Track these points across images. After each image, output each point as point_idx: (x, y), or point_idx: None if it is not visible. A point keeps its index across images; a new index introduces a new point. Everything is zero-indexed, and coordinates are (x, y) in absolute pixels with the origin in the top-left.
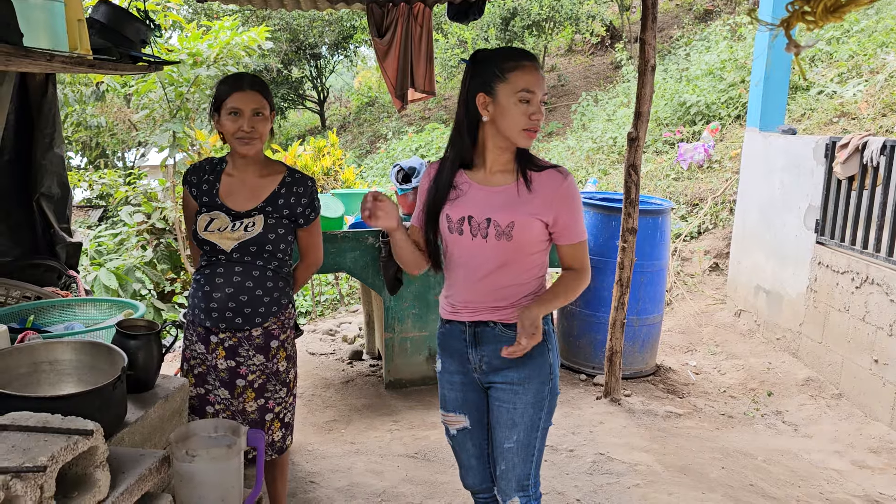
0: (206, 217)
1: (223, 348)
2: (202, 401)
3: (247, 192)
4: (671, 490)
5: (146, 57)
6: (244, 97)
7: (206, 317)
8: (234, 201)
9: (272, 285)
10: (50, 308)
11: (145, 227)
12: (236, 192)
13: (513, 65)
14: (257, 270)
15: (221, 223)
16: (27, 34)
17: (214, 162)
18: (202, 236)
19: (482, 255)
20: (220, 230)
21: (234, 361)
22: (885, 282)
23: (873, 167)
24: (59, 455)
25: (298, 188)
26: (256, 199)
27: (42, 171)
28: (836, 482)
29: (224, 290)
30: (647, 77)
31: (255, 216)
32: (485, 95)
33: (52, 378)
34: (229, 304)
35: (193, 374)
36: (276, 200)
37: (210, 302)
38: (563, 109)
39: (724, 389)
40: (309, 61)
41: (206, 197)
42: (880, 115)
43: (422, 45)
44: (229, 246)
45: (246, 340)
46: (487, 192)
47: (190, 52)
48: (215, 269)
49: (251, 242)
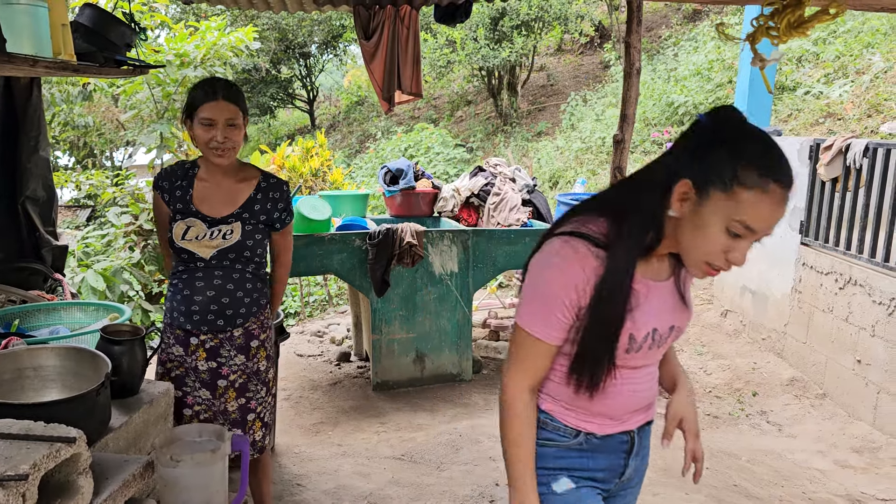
0: (183, 225)
1: (204, 350)
2: (179, 403)
3: (222, 198)
4: (656, 490)
5: (131, 61)
6: (217, 107)
7: (185, 320)
8: (209, 207)
9: (251, 287)
10: (35, 312)
11: (133, 229)
12: (211, 197)
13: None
14: (237, 273)
15: (198, 231)
16: (10, 39)
17: (186, 166)
18: (180, 245)
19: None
20: (199, 238)
21: (215, 362)
22: (868, 283)
23: (856, 169)
24: (41, 463)
25: (274, 193)
26: (232, 205)
27: (27, 175)
28: (819, 482)
29: (205, 294)
30: (633, 80)
31: (232, 223)
32: (691, 187)
33: (37, 384)
34: (211, 306)
35: (170, 377)
36: (252, 206)
37: (191, 305)
38: (552, 109)
39: (710, 389)
40: (298, 60)
41: (179, 203)
42: (866, 116)
43: (408, 48)
44: (208, 254)
45: (227, 341)
46: (661, 290)
47: (177, 52)
48: (194, 273)
49: (229, 250)
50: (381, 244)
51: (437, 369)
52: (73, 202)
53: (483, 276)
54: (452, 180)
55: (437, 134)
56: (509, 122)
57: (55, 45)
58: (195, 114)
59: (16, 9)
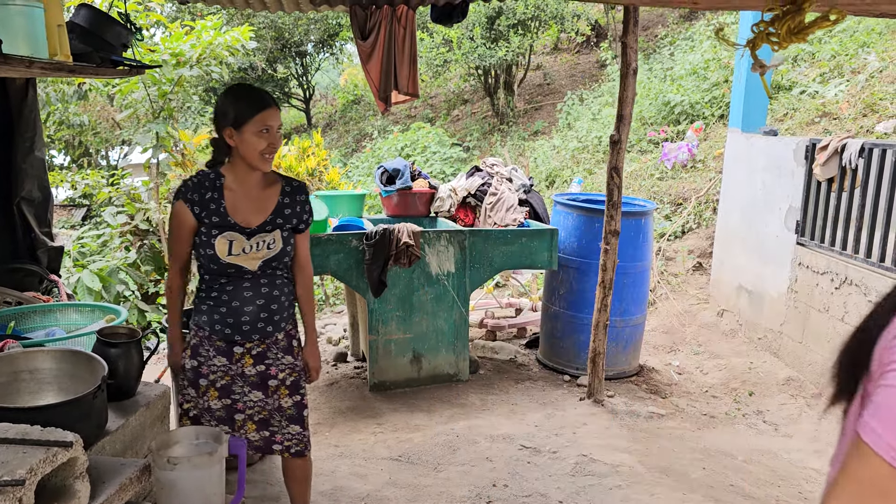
0: (224, 240)
1: (250, 356)
2: (230, 410)
3: (252, 206)
4: (653, 491)
5: (127, 61)
6: (273, 115)
7: (233, 331)
8: (242, 217)
9: (289, 290)
10: (31, 313)
11: (129, 229)
12: (242, 206)
13: None
14: (278, 279)
15: (241, 244)
16: (6, 40)
17: (211, 177)
18: (227, 261)
19: None
20: (245, 252)
21: (262, 365)
22: (864, 282)
23: (852, 169)
24: (37, 467)
25: (300, 196)
26: (263, 213)
27: (23, 175)
28: (815, 481)
29: (255, 303)
30: (629, 80)
31: (272, 232)
32: None
33: (33, 387)
34: (261, 315)
35: (216, 388)
36: (283, 211)
37: (241, 316)
38: (549, 108)
39: (707, 389)
40: (294, 59)
41: (215, 217)
42: (861, 116)
43: (405, 48)
44: (255, 265)
45: (273, 345)
46: None
47: (173, 52)
48: (240, 284)
49: (273, 259)
50: (377, 244)
51: (433, 370)
52: (69, 201)
53: (480, 277)
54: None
55: (434, 133)
56: (506, 121)
57: (51, 46)
58: (247, 124)
59: (11, 9)
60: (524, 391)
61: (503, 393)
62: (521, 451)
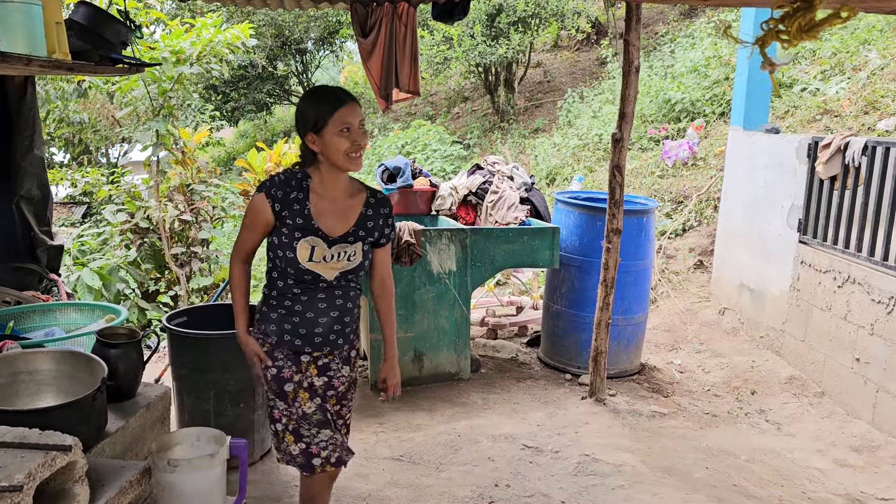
0: (307, 245)
1: (315, 367)
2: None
3: (337, 214)
4: (655, 491)
5: (127, 59)
6: (352, 111)
7: (304, 342)
8: (326, 224)
9: (358, 302)
10: (30, 313)
11: (129, 227)
12: (327, 213)
13: None
14: (351, 291)
15: (323, 252)
16: (4, 38)
17: (298, 177)
18: (306, 266)
19: None
20: (326, 260)
21: (326, 377)
22: (867, 281)
23: (855, 167)
24: (36, 472)
25: (384, 209)
26: (347, 223)
27: (22, 174)
28: (818, 481)
29: (329, 315)
30: (632, 78)
31: (353, 244)
32: None
33: (32, 388)
34: (334, 327)
35: (305, 389)
36: (365, 223)
37: (314, 328)
38: (549, 106)
39: (709, 388)
40: (294, 56)
41: (299, 218)
42: (862, 113)
43: (406, 45)
44: (332, 275)
45: (338, 356)
46: None
47: (172, 49)
48: (315, 294)
49: (350, 271)
50: None
51: (435, 368)
52: (69, 199)
53: (481, 275)
54: (450, 177)
55: (434, 131)
56: (506, 118)
57: (50, 44)
58: (327, 125)
59: (9, 7)
60: (526, 390)
61: (505, 392)
62: (523, 450)
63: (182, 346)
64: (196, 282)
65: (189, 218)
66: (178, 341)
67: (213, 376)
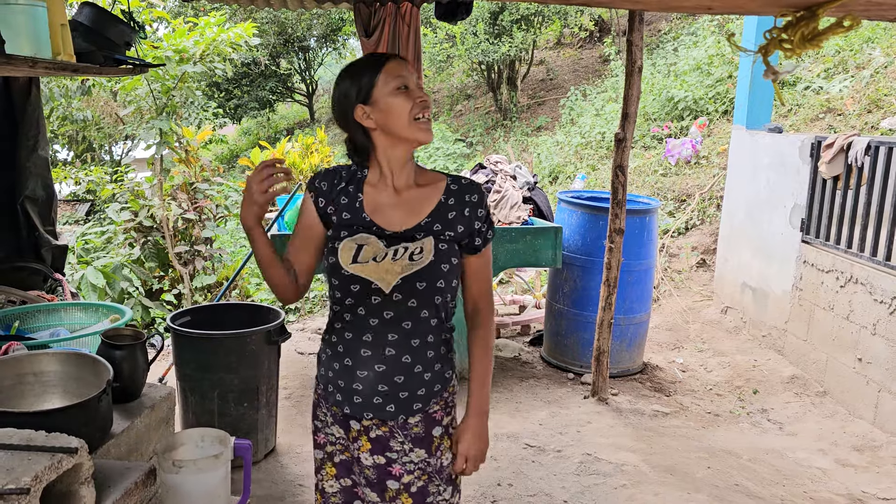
0: (352, 244)
1: (368, 439)
2: (349, 496)
3: (402, 206)
4: (657, 490)
5: (131, 60)
6: (401, 65)
7: (344, 399)
8: (385, 219)
9: (437, 353)
10: (35, 313)
11: (133, 225)
12: (387, 206)
13: None
14: (422, 326)
15: (374, 250)
16: (9, 40)
17: (352, 168)
18: (349, 271)
19: None
20: (377, 260)
21: (383, 457)
22: (869, 281)
23: (858, 167)
24: (42, 475)
25: (471, 196)
26: (417, 215)
27: (26, 174)
28: (820, 481)
29: (373, 368)
30: (635, 78)
31: (421, 238)
32: None
33: (37, 389)
34: (380, 387)
35: (333, 463)
36: (444, 215)
37: (353, 382)
38: (552, 104)
39: (711, 387)
40: (297, 54)
41: (346, 213)
42: (866, 112)
43: (409, 45)
44: (389, 283)
45: (400, 430)
46: None
47: (176, 48)
48: (361, 335)
49: (419, 277)
50: None
51: None
52: (72, 196)
53: None
54: None
55: (437, 129)
56: (509, 116)
57: (54, 45)
58: (376, 85)
59: (14, 9)
60: (528, 389)
61: (507, 391)
62: (525, 449)
63: (186, 346)
64: (199, 280)
65: (192, 216)
66: (181, 341)
67: (217, 376)
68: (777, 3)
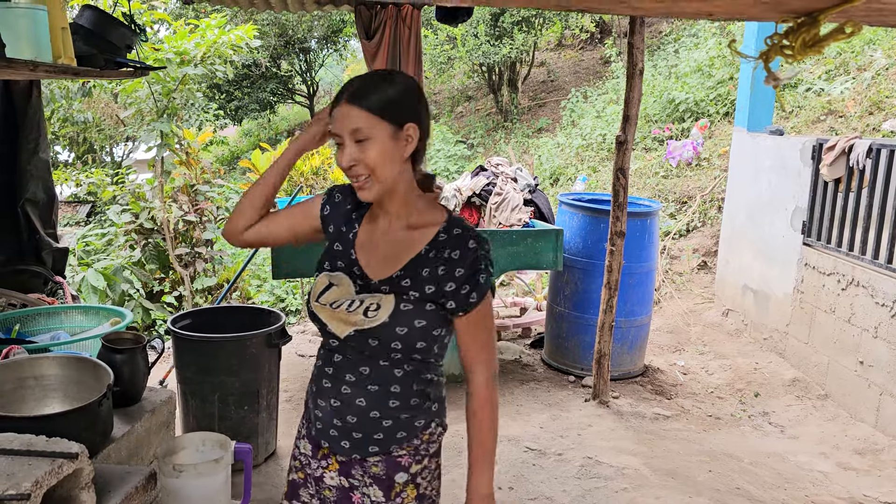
0: (325, 279)
1: (336, 461)
2: None
3: (387, 250)
4: (658, 494)
5: (131, 63)
6: (342, 114)
7: (313, 419)
8: (367, 259)
9: (405, 402)
10: (36, 316)
11: (133, 227)
12: (374, 247)
13: None
14: (381, 375)
15: (341, 293)
16: (9, 43)
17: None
18: (312, 307)
19: None
20: (335, 306)
21: (347, 482)
22: (871, 284)
23: (859, 170)
24: (43, 480)
25: (453, 252)
26: (395, 264)
27: (27, 177)
28: (822, 484)
29: (329, 402)
30: (636, 81)
31: (384, 293)
32: None
33: (38, 393)
34: (334, 420)
35: (287, 480)
36: (418, 269)
37: (316, 408)
38: (553, 105)
39: (712, 390)
40: (298, 55)
41: (338, 243)
42: (867, 114)
43: (410, 47)
44: (343, 331)
45: (358, 465)
46: None
47: (177, 51)
48: (325, 366)
49: (372, 334)
50: None
51: None
52: (73, 198)
53: None
54: (453, 177)
55: (438, 130)
56: (510, 118)
57: (55, 49)
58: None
59: (15, 12)
60: (529, 392)
61: (508, 394)
62: (526, 453)
63: (186, 349)
64: (200, 282)
65: (193, 218)
66: (182, 344)
67: (218, 379)
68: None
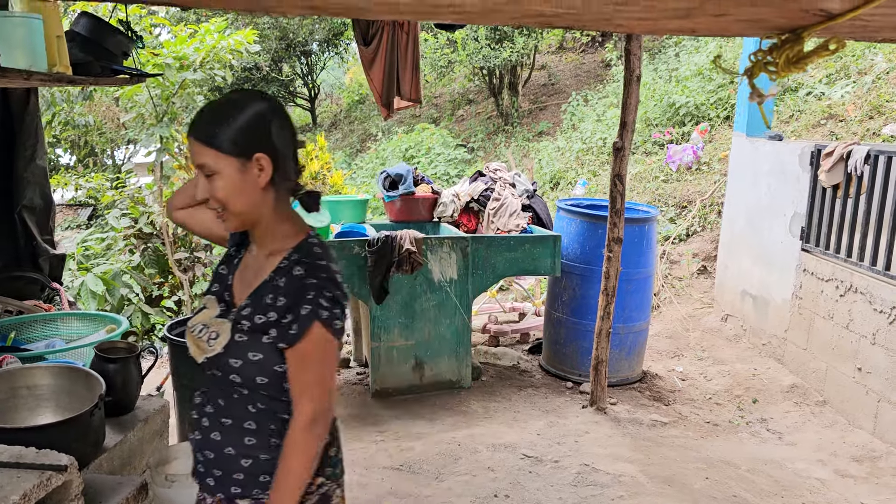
0: (201, 302)
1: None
2: None
3: (249, 277)
4: (655, 501)
5: (128, 70)
6: (188, 148)
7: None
8: (238, 287)
9: (263, 442)
10: (32, 323)
11: (133, 232)
12: (244, 273)
13: None
14: (236, 409)
15: (205, 317)
16: (4, 52)
17: None
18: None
19: None
20: (192, 330)
21: None
22: (869, 290)
23: (857, 176)
24: (31, 493)
25: (281, 279)
26: (247, 290)
27: (24, 183)
28: (819, 492)
29: (194, 434)
30: (633, 87)
31: (224, 322)
32: None
33: (31, 403)
34: (197, 455)
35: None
36: (262, 295)
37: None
38: (554, 109)
39: (710, 396)
40: (299, 58)
41: (224, 265)
42: (867, 118)
43: (408, 54)
44: (199, 357)
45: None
46: None
47: (176, 56)
48: (196, 396)
49: (214, 364)
50: (379, 251)
51: (436, 376)
52: (74, 201)
53: (482, 283)
54: (453, 181)
55: (438, 134)
56: (510, 121)
57: (50, 57)
58: None
59: (11, 21)
60: (526, 398)
61: (505, 400)
62: (522, 460)
63: (182, 356)
64: (199, 287)
65: None
66: (178, 351)
67: None
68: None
